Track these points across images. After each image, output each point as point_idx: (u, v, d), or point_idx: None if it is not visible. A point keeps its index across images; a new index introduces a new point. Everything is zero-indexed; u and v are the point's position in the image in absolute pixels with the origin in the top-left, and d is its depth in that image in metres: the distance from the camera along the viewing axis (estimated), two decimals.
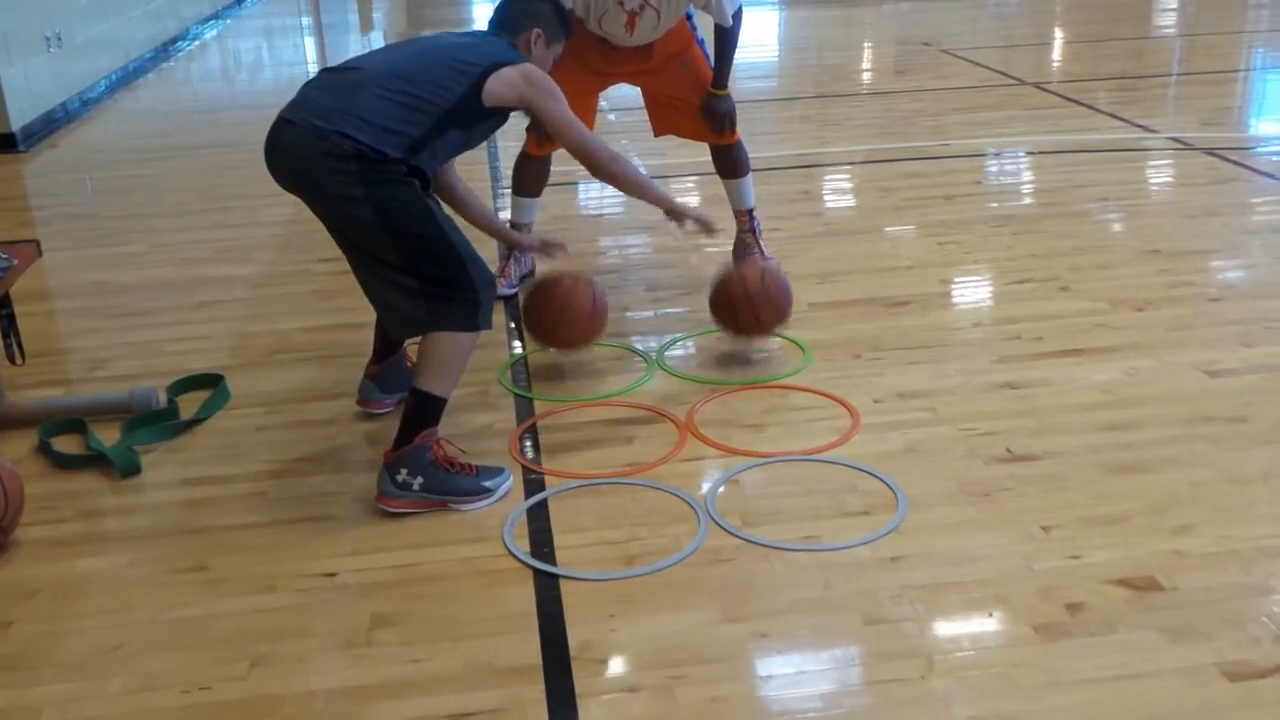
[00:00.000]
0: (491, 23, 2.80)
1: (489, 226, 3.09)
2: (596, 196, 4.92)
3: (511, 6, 2.79)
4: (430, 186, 2.58)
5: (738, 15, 3.44)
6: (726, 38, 3.48)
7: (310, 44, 10.66)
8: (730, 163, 3.78)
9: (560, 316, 3.05)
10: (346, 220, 2.51)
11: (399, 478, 2.48)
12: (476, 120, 2.59)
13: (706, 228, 2.95)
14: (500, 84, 2.54)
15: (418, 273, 2.49)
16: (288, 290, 3.94)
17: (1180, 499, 2.45)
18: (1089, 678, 1.93)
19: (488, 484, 2.52)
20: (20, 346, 3.03)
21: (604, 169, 2.70)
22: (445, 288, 2.49)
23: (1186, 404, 2.87)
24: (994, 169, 5.26)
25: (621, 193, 2.88)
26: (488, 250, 4.04)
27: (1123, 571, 2.20)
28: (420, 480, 2.48)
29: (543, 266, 3.42)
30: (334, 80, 2.56)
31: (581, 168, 3.07)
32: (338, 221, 2.55)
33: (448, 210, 2.67)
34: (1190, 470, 2.57)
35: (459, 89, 2.50)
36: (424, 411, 2.51)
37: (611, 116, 6.08)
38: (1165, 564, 2.22)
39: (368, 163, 2.41)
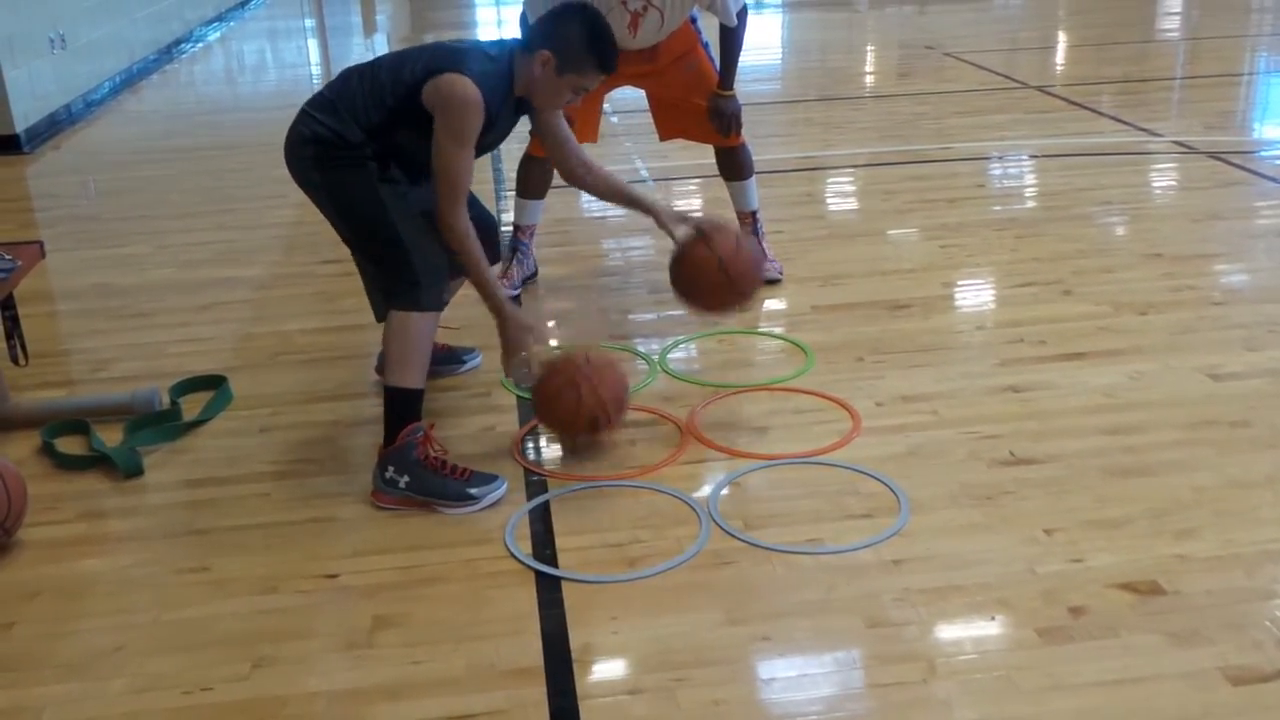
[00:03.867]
0: (524, 22, 2.80)
1: (624, 198, 2.97)
2: (599, 201, 4.91)
3: (544, 19, 2.66)
4: (400, 167, 2.58)
5: (742, 14, 3.44)
6: (732, 38, 3.48)
7: (314, 46, 10.67)
8: (735, 165, 3.78)
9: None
10: (316, 204, 2.68)
11: (387, 474, 2.51)
12: (427, 123, 2.49)
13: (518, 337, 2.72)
14: (429, 88, 2.47)
15: (368, 254, 2.68)
16: (291, 292, 3.95)
17: (1183, 503, 2.45)
18: (1091, 681, 1.92)
19: (473, 491, 2.51)
20: (24, 347, 3.03)
21: (445, 220, 2.53)
22: (388, 268, 2.59)
23: (1189, 408, 2.87)
24: (997, 172, 5.26)
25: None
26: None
27: (1125, 575, 2.20)
28: (406, 478, 2.49)
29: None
30: (340, 73, 2.68)
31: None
32: (316, 206, 2.69)
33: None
34: (1193, 474, 2.56)
35: (403, 86, 2.50)
36: (399, 406, 2.54)
37: (615, 119, 6.08)
38: (1168, 568, 2.22)
39: (325, 146, 2.55)
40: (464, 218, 2.53)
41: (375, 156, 2.56)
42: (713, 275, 2.82)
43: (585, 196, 4.86)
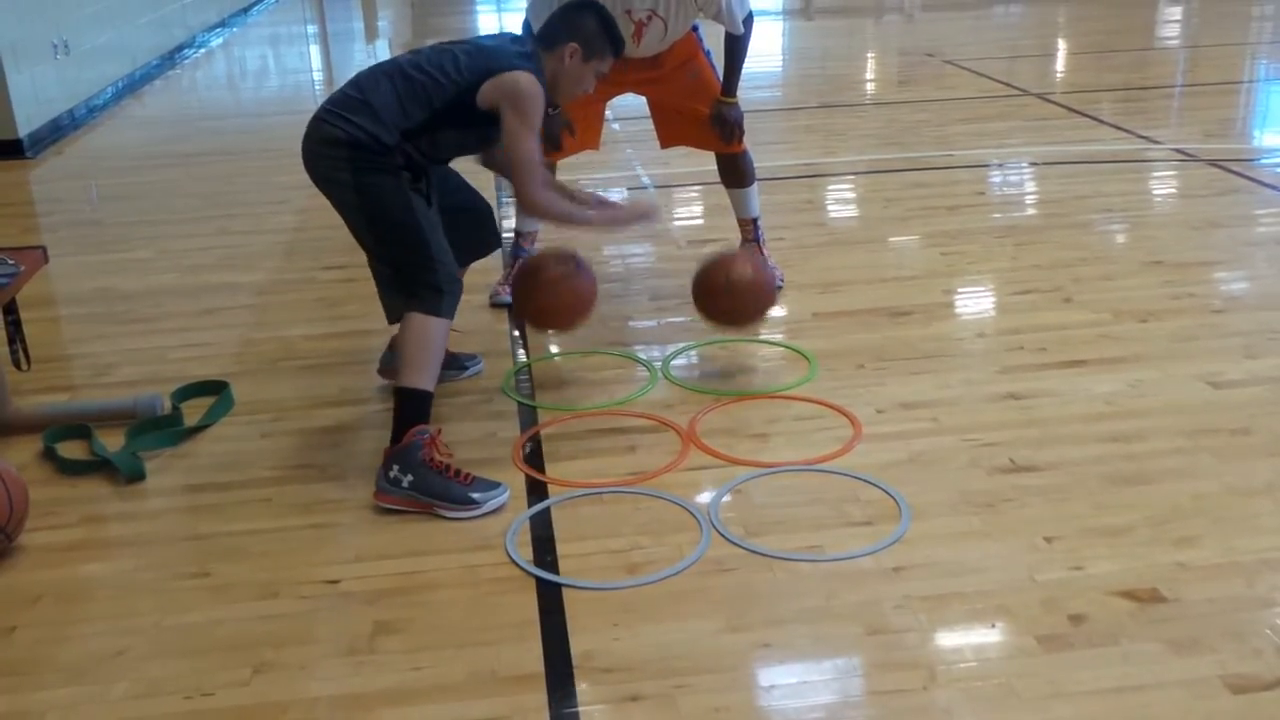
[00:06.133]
0: (528, 30, 2.86)
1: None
2: None
3: (555, 18, 2.84)
4: (427, 181, 2.69)
5: (748, 22, 3.45)
6: (737, 45, 3.49)
7: (316, 52, 10.69)
8: (736, 172, 3.78)
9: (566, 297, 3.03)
10: (336, 203, 2.68)
11: (391, 473, 2.51)
12: (476, 122, 2.66)
13: (648, 213, 3.04)
14: (490, 87, 2.62)
15: (389, 258, 2.69)
16: (292, 297, 3.95)
17: (1183, 510, 2.45)
18: (1092, 689, 1.92)
19: (476, 496, 2.51)
20: (26, 352, 3.04)
21: (528, 199, 2.73)
22: (412, 272, 2.63)
23: (1190, 415, 2.87)
24: (997, 180, 5.27)
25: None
26: (492, 259, 4.06)
27: (1126, 583, 2.20)
28: (410, 478, 2.50)
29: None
30: (365, 73, 2.71)
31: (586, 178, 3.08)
32: (332, 203, 2.70)
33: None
34: (1194, 482, 2.57)
35: (454, 87, 2.62)
36: (409, 408, 2.56)
37: (616, 126, 6.09)
38: (1168, 575, 2.22)
39: (359, 150, 2.57)
40: (546, 191, 2.75)
41: (406, 166, 2.62)
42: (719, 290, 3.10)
43: None
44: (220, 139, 6.60)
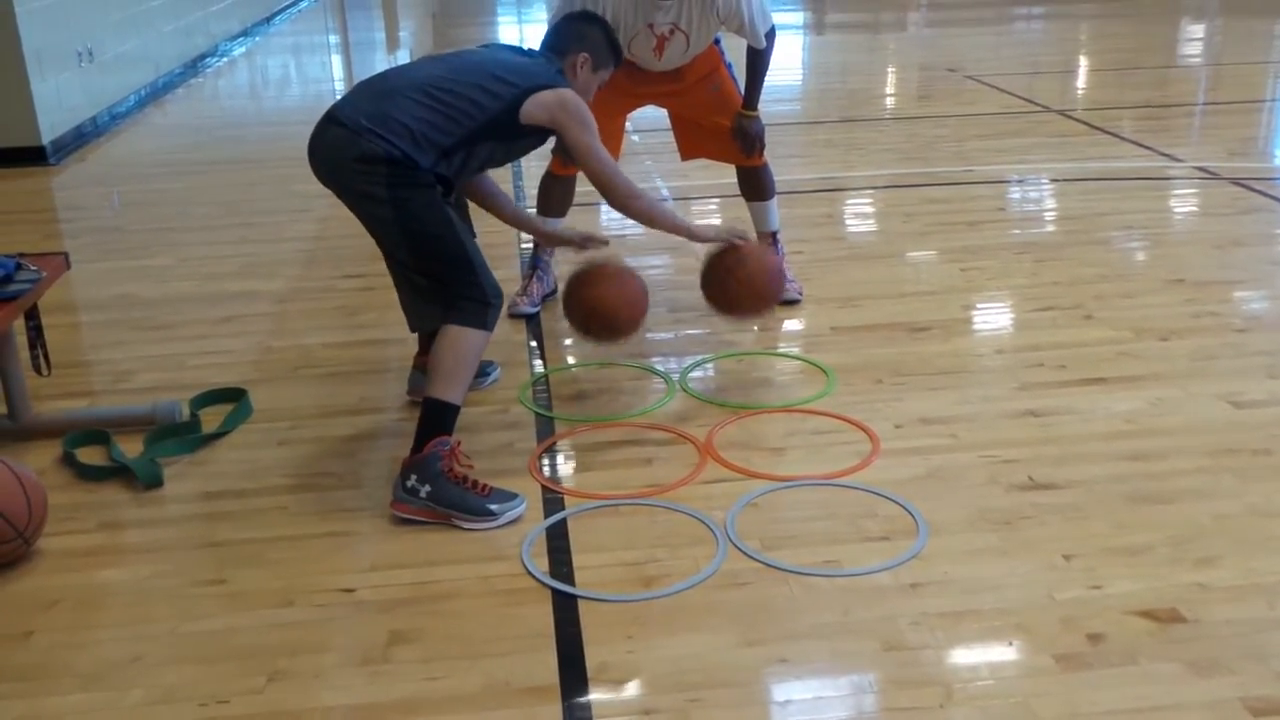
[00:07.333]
0: (543, 43, 2.89)
1: (523, 222, 3.24)
2: (619, 217, 4.91)
3: (562, 28, 2.89)
4: (453, 192, 2.69)
5: (770, 36, 3.45)
6: (759, 59, 3.49)
7: (338, 62, 10.75)
8: (757, 185, 3.79)
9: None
10: (368, 216, 2.64)
11: (409, 483, 2.51)
12: (513, 136, 2.69)
13: (735, 236, 3.07)
14: (536, 106, 2.64)
15: (429, 272, 2.64)
16: (311, 305, 3.97)
17: (1204, 530, 2.43)
18: (1110, 709, 1.91)
19: (493, 507, 2.51)
20: (46, 357, 3.05)
21: (621, 203, 2.81)
22: (455, 286, 2.60)
23: (1211, 435, 2.85)
24: (1017, 196, 5.26)
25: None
26: (510, 270, 4.07)
27: (1145, 603, 2.18)
28: (428, 489, 2.50)
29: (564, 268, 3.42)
30: (383, 84, 2.67)
31: None
32: (361, 217, 2.67)
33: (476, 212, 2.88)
34: (1214, 502, 2.54)
35: (495, 106, 2.62)
36: (435, 419, 2.55)
37: (636, 138, 6.10)
38: (1188, 596, 2.20)
39: (396, 167, 2.53)
40: (631, 185, 2.80)
41: (439, 180, 2.61)
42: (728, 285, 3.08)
43: (605, 215, 4.89)
44: (241, 147, 6.65)
